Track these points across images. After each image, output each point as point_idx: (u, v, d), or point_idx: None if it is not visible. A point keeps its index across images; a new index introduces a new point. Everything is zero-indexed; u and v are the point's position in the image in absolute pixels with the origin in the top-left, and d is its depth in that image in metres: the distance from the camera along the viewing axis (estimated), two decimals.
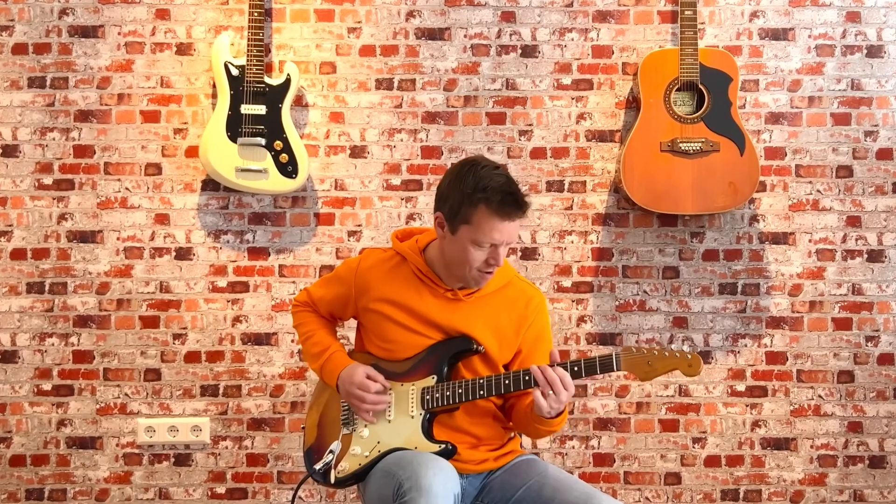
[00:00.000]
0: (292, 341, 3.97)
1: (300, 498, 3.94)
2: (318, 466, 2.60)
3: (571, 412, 3.94)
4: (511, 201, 2.48)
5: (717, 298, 4.00)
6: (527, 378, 2.52)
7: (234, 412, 3.97)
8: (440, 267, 2.62)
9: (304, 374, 3.96)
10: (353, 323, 2.96)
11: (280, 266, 3.98)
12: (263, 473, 3.97)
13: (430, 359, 2.61)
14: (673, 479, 4.01)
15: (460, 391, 2.55)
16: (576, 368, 2.47)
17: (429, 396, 2.59)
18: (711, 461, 4.01)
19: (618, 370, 2.43)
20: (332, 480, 2.61)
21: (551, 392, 2.40)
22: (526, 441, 3.86)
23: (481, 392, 2.55)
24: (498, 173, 2.49)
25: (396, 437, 2.59)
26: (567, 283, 3.99)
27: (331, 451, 2.59)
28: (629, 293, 4.00)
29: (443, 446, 2.56)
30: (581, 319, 3.99)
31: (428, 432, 2.58)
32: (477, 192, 2.47)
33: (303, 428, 2.80)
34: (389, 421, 2.62)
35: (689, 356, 2.40)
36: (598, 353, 2.52)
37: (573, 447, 3.99)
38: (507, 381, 2.51)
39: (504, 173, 2.52)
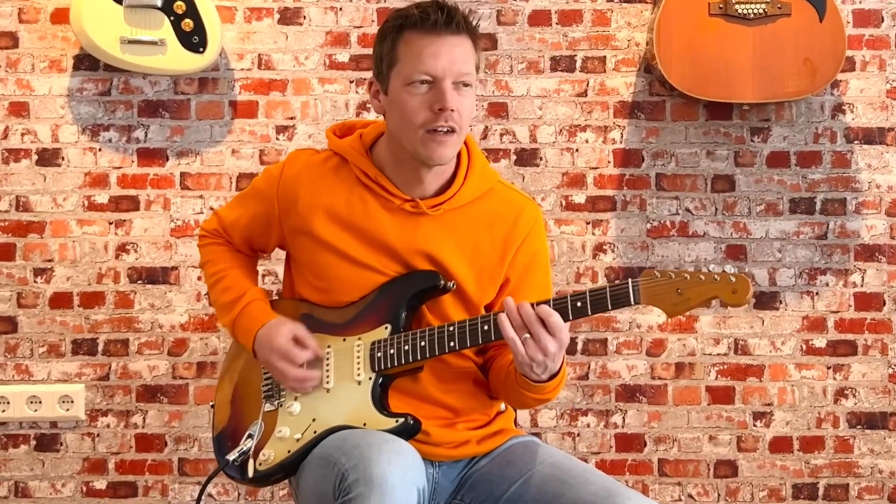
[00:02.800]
0: (199, 279, 3.68)
1: (210, 496, 3.66)
2: (232, 456, 2.41)
3: (585, 376, 3.76)
4: (436, 9, 2.38)
5: (786, 219, 3.78)
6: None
7: (119, 377, 3.71)
8: (392, 167, 2.47)
9: (214, 324, 3.71)
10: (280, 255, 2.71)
11: (182, 175, 3.74)
12: (159, 462, 3.73)
13: (382, 302, 2.43)
14: (726, 469, 3.78)
15: (423, 344, 2.37)
16: (578, 304, 2.28)
17: (381, 354, 2.40)
18: (779, 445, 3.78)
19: (637, 303, 2.23)
20: (251, 474, 2.41)
21: (528, 336, 2.22)
22: (522, 417, 3.65)
23: (451, 343, 2.35)
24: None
25: (338, 411, 2.41)
26: (579, 198, 3.76)
27: (249, 436, 2.42)
28: (665, 212, 3.77)
29: (400, 421, 2.35)
30: (599, 248, 3.76)
31: (381, 403, 2.38)
32: (396, 23, 2.42)
33: (212, 407, 2.62)
34: (328, 390, 2.42)
35: (733, 278, 2.22)
36: (611, 284, 2.32)
37: (588, 425, 3.76)
38: (486, 327, 2.34)
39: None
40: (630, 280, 2.25)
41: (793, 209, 3.78)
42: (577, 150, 3.77)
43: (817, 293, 3.76)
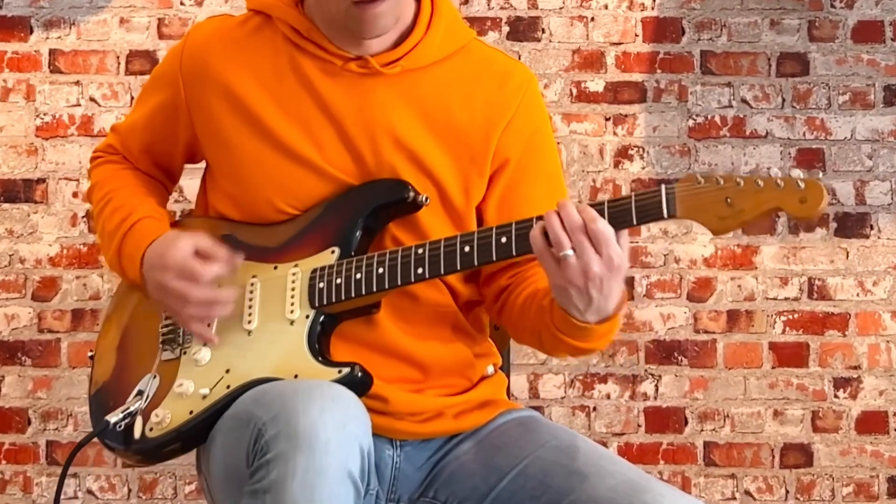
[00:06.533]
0: (74, 195, 3.53)
1: (90, 493, 3.45)
2: (113, 418, 2.11)
3: None
4: None
5: (879, 114, 3.51)
6: (504, 238, 2.06)
7: None
8: (329, 24, 2.24)
9: (95, 256, 3.53)
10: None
11: (52, 53, 3.53)
12: (21, 447, 3.52)
13: (330, 219, 2.20)
14: (798, 455, 3.52)
15: (381, 271, 2.13)
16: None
17: (323, 284, 2.15)
18: (870, 423, 3.51)
19: (671, 216, 1.94)
20: (137, 438, 2.11)
21: (570, 253, 1.92)
22: (519, 386, 3.52)
23: (419, 270, 2.11)
24: None
25: (260, 360, 2.14)
26: (596, 84, 3.55)
27: (139, 392, 2.14)
28: (714, 103, 3.55)
29: (344, 372, 2.08)
30: (623, 153, 3.54)
31: (319, 349, 2.11)
32: None
33: (91, 357, 2.33)
34: (249, 332, 2.15)
35: (801, 183, 1.95)
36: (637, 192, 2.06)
37: (608, 396, 3.59)
38: (466, 248, 2.08)
39: None
40: (664, 186, 2.03)
41: (888, 100, 3.52)
42: (592, 18, 3.57)
43: None
